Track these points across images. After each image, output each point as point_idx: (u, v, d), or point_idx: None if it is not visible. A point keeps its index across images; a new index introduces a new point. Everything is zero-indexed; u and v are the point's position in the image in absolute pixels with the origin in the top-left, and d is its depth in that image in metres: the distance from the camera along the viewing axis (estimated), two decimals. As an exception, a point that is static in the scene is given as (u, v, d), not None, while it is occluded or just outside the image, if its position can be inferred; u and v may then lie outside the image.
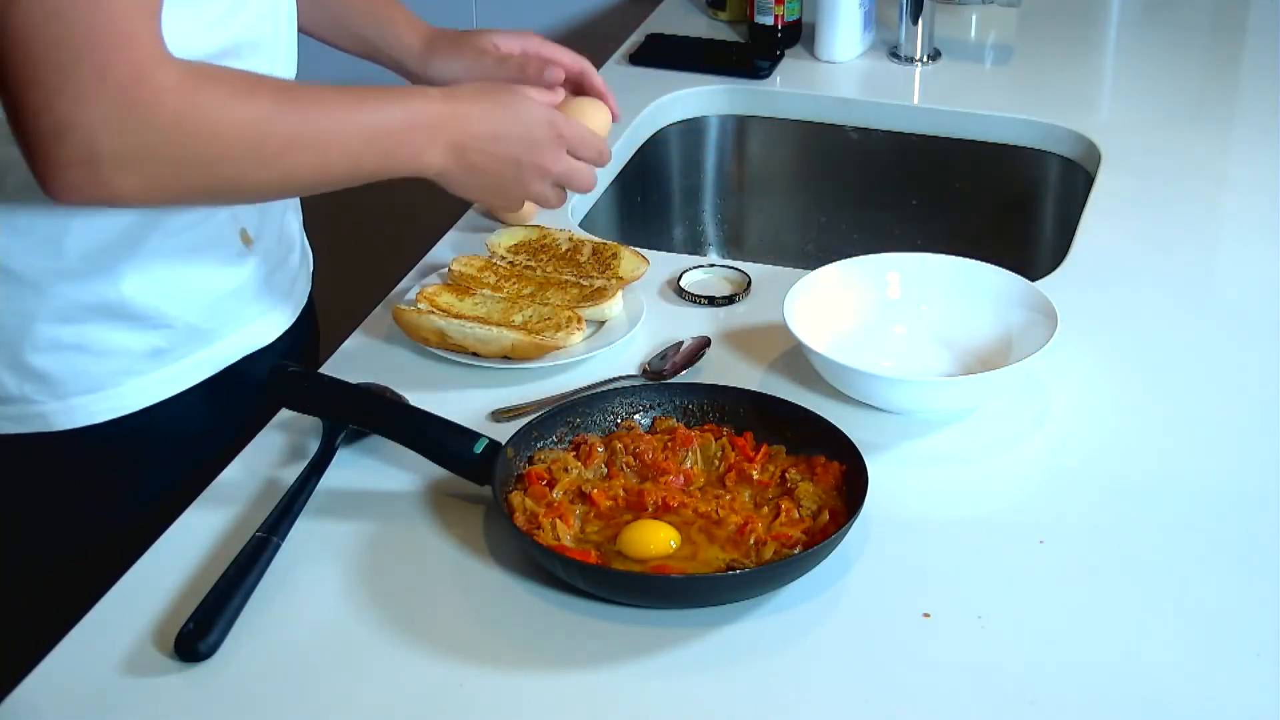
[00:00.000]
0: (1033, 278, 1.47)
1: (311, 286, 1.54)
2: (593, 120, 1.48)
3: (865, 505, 1.16)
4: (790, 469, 1.23)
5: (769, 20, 2.11)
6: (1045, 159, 1.93)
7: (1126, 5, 2.32)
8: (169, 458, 1.35)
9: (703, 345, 1.43)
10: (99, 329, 1.28)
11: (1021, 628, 1.11)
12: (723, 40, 2.16)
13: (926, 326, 1.46)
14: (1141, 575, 1.16)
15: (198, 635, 1.07)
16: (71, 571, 1.32)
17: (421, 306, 1.43)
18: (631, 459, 1.25)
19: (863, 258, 1.49)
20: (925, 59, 2.09)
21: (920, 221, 2.02)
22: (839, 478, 1.21)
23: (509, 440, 1.23)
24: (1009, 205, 1.99)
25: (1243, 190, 1.77)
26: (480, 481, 1.21)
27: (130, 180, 1.10)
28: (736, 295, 1.52)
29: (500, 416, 1.34)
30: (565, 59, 1.53)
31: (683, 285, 1.54)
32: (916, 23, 2.06)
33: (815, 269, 1.46)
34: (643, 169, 1.95)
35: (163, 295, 1.30)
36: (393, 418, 1.26)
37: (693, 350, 1.42)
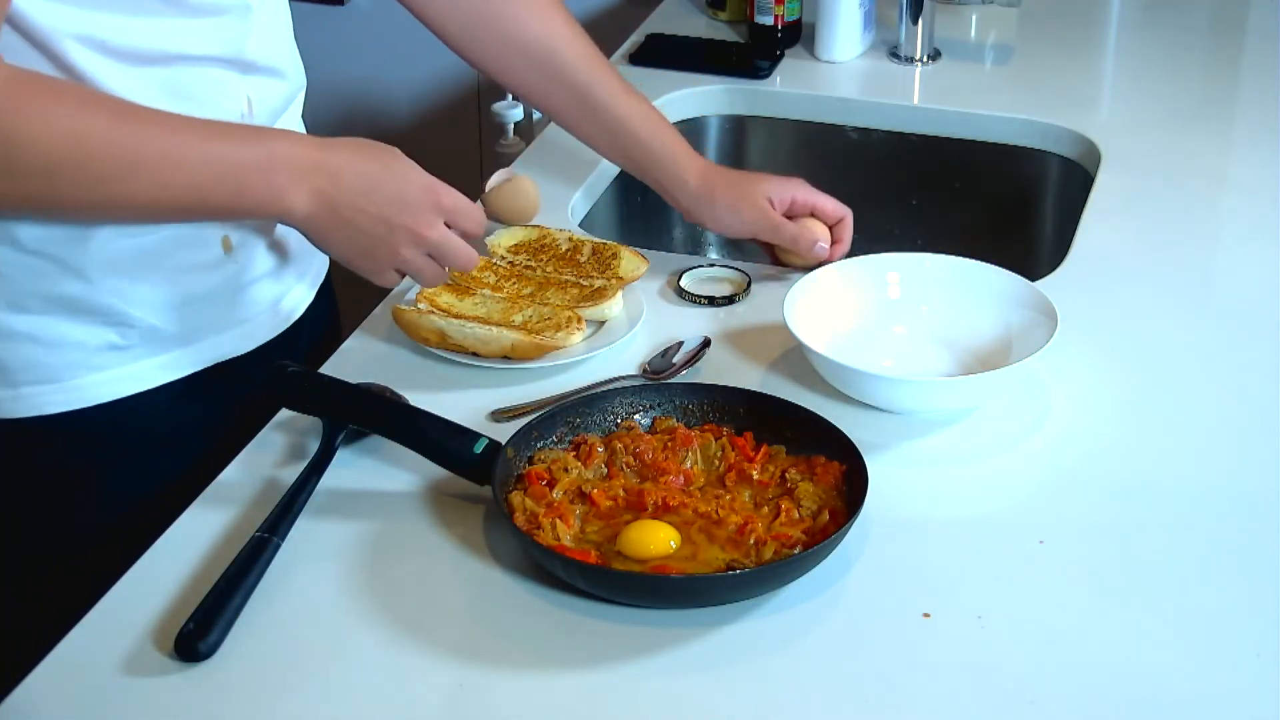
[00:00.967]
0: (1033, 278, 1.47)
1: (327, 284, 1.53)
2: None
3: (865, 505, 1.16)
4: (790, 469, 1.23)
5: (769, 20, 2.11)
6: (1045, 159, 1.93)
7: (1126, 5, 2.32)
8: (135, 458, 1.33)
9: (703, 345, 1.43)
10: (53, 320, 1.26)
11: (1021, 628, 1.11)
12: (723, 40, 2.16)
13: (926, 326, 1.46)
14: (1141, 575, 1.16)
15: (198, 635, 1.07)
16: (50, 570, 1.32)
17: (421, 306, 1.43)
18: (631, 459, 1.25)
19: (863, 258, 1.49)
20: (925, 59, 2.09)
21: (920, 221, 2.02)
22: (839, 478, 1.21)
23: (509, 440, 1.23)
24: (1009, 205, 1.99)
25: (1243, 190, 1.77)
26: (480, 481, 1.21)
27: None
28: (736, 295, 1.52)
29: (500, 416, 1.34)
30: (828, 207, 1.55)
31: (683, 285, 1.54)
32: (916, 23, 2.06)
33: (815, 269, 1.46)
34: (643, 169, 1.95)
35: (122, 293, 1.28)
36: (393, 418, 1.26)
37: (693, 350, 1.42)
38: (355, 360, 1.42)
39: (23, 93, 1.09)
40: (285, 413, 1.32)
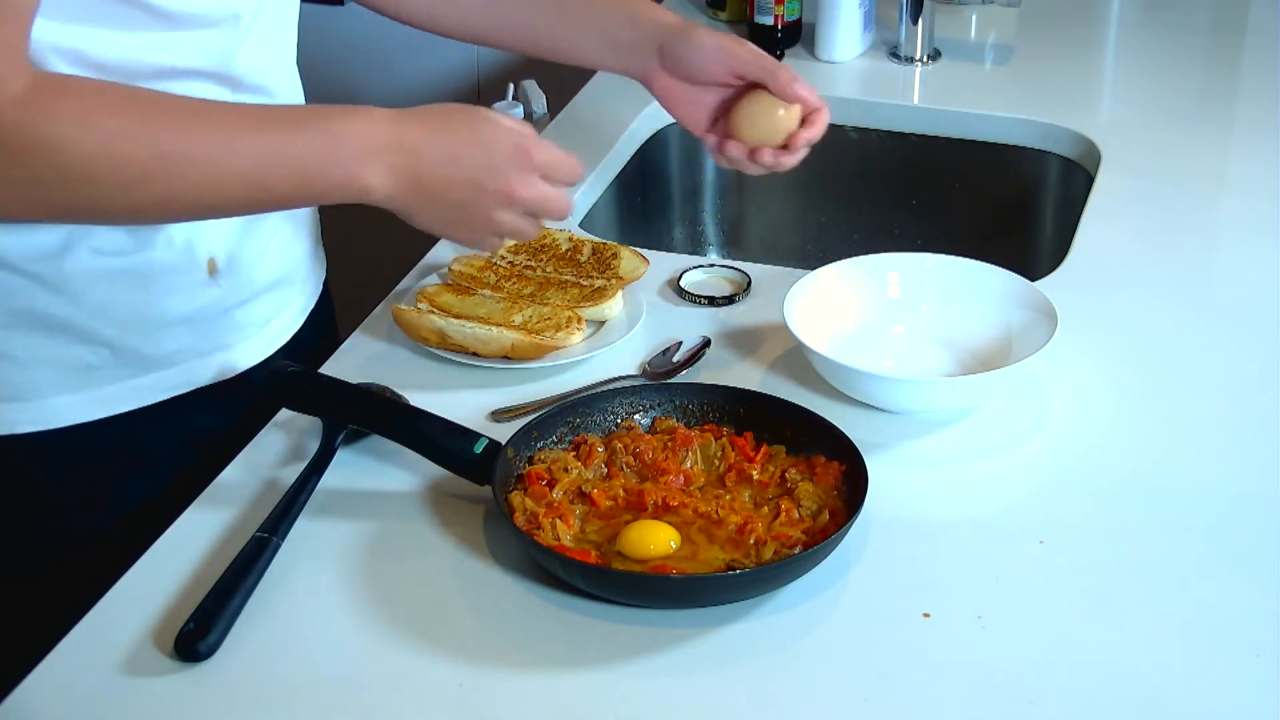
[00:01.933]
0: (1033, 278, 1.47)
1: (325, 295, 1.51)
2: (783, 117, 1.43)
3: (865, 505, 1.16)
4: (790, 469, 1.23)
5: (769, 20, 2.11)
6: (1045, 159, 1.93)
7: (1126, 5, 2.32)
8: (110, 479, 1.30)
9: (703, 345, 1.43)
10: (23, 336, 1.23)
11: (1021, 628, 1.11)
12: (723, 40, 2.16)
13: (926, 326, 1.46)
14: (1141, 575, 1.16)
15: (198, 635, 1.07)
16: (31, 584, 1.30)
17: (421, 306, 1.43)
18: (631, 459, 1.25)
19: (863, 258, 1.49)
20: (925, 59, 2.09)
21: (920, 221, 2.02)
22: (839, 478, 1.21)
23: (509, 440, 1.23)
24: (1009, 205, 1.99)
25: (1243, 190, 1.77)
26: (480, 481, 1.21)
27: None
28: (736, 295, 1.52)
29: (500, 416, 1.34)
30: (806, 94, 1.44)
31: (683, 285, 1.54)
32: (916, 23, 2.06)
33: (815, 269, 1.46)
34: (643, 169, 1.95)
35: (99, 311, 1.24)
36: (393, 418, 1.26)
37: (693, 350, 1.42)
38: (355, 360, 1.42)
39: (53, 97, 1.06)
40: (285, 413, 1.32)
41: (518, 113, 2.17)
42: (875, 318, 1.46)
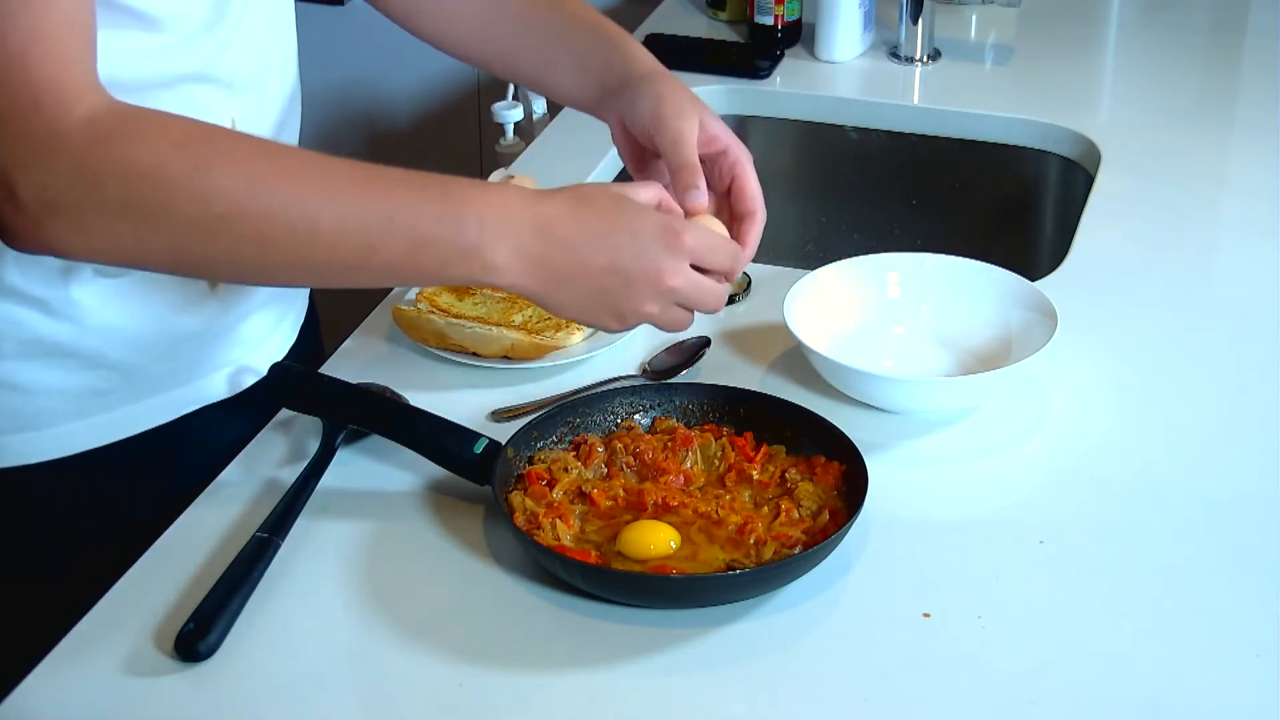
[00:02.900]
0: (1033, 278, 1.47)
1: (311, 310, 1.50)
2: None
3: (865, 505, 1.16)
4: (790, 469, 1.23)
5: (769, 20, 2.11)
6: (1045, 159, 1.93)
7: (1126, 5, 2.32)
8: (119, 499, 1.29)
9: (703, 345, 1.43)
10: (30, 367, 1.21)
11: (1021, 628, 1.11)
12: (723, 40, 2.16)
13: (926, 326, 1.46)
14: (1141, 575, 1.16)
15: (198, 635, 1.07)
16: (38, 583, 1.29)
17: (421, 306, 1.43)
18: (631, 459, 1.25)
19: (863, 258, 1.49)
20: (925, 59, 2.09)
21: (920, 221, 2.02)
22: (839, 478, 1.21)
23: (509, 440, 1.23)
24: (1009, 205, 1.99)
25: (1243, 190, 1.77)
26: (480, 481, 1.21)
27: (61, 227, 1.00)
28: (736, 295, 1.52)
29: (500, 416, 1.34)
30: (747, 189, 1.26)
31: (683, 285, 1.54)
32: (916, 23, 2.06)
33: (815, 269, 1.46)
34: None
35: (104, 335, 1.22)
36: (393, 418, 1.26)
37: (693, 350, 1.42)
38: (355, 360, 1.42)
39: (134, 121, 1.01)
40: (285, 413, 1.32)
41: (517, 113, 2.17)
42: (875, 318, 1.46)
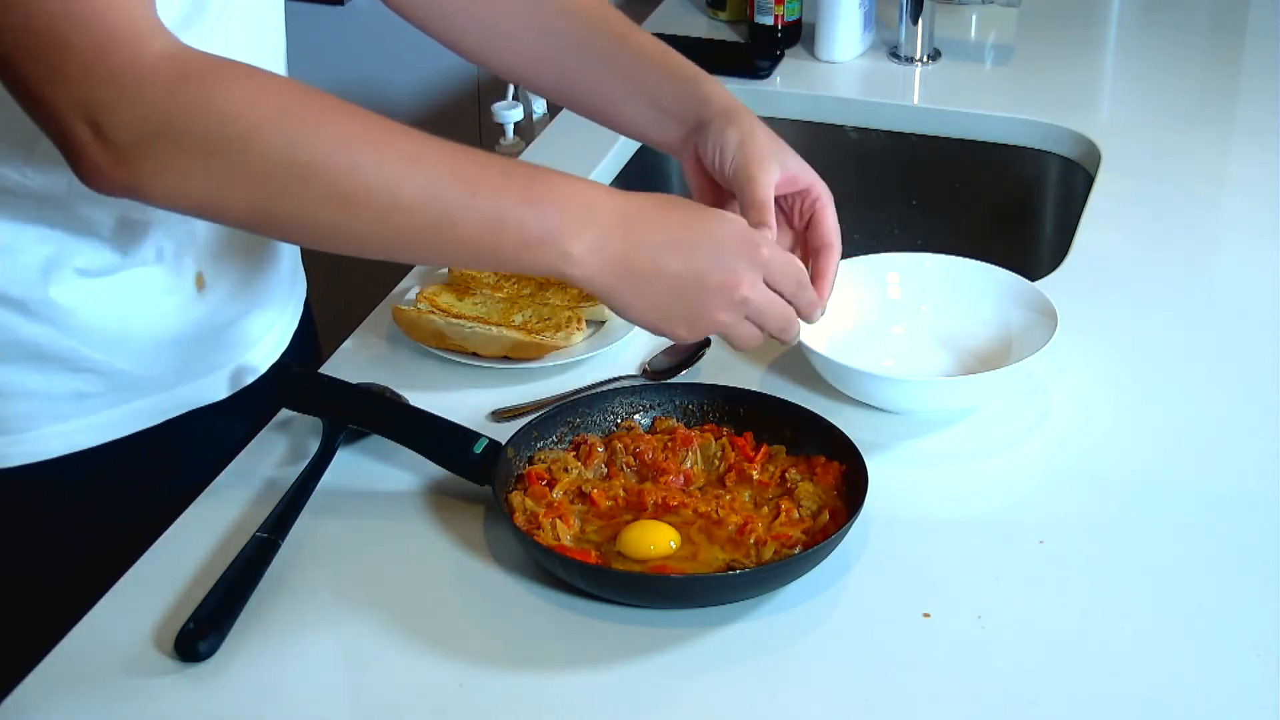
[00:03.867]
0: (1033, 278, 1.47)
1: (306, 313, 1.49)
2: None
3: (865, 505, 1.16)
4: (790, 469, 1.23)
5: (769, 20, 2.11)
6: (1045, 159, 1.94)
7: (1126, 5, 2.32)
8: (104, 504, 1.28)
9: (703, 345, 1.43)
10: (10, 370, 1.20)
11: (1021, 628, 1.11)
12: (723, 40, 2.16)
13: (926, 326, 1.46)
14: (1141, 575, 1.16)
15: (198, 635, 1.07)
16: (38, 583, 1.28)
17: (421, 306, 1.43)
18: (631, 459, 1.25)
19: (863, 258, 1.49)
20: (925, 59, 2.09)
21: (920, 221, 2.02)
22: (839, 478, 1.21)
23: (509, 440, 1.23)
24: (1009, 205, 1.99)
25: (1243, 190, 1.77)
26: (480, 481, 1.21)
27: (150, 165, 0.98)
28: (736, 295, 1.52)
29: (500, 416, 1.34)
30: (826, 224, 1.25)
31: (683, 285, 1.54)
32: (916, 23, 2.06)
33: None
34: (643, 169, 1.95)
35: (85, 338, 1.21)
36: (393, 418, 1.26)
37: (692, 350, 1.42)
38: (355, 360, 1.42)
39: (215, 65, 1.00)
40: (285, 413, 1.32)
41: (517, 113, 2.17)
42: (875, 318, 1.46)
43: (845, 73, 2.08)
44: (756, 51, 2.10)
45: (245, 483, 1.25)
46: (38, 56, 0.97)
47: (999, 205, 2.00)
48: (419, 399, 1.32)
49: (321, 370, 1.39)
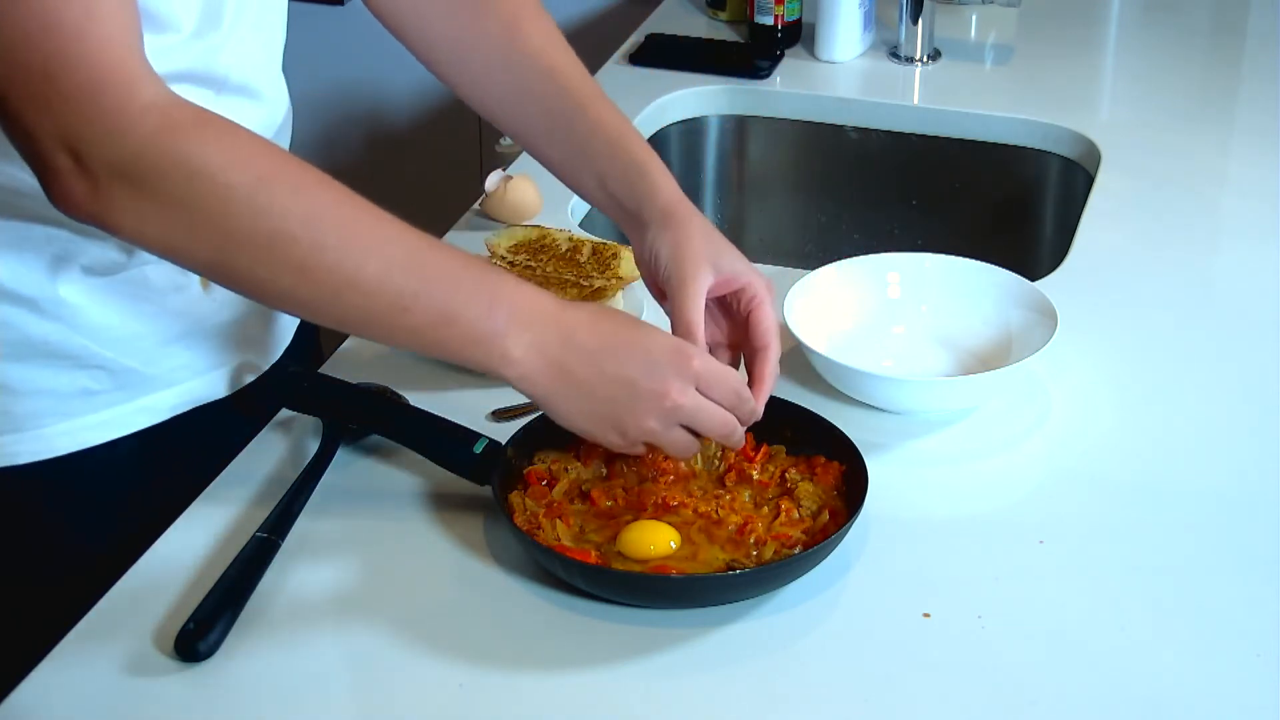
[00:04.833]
0: (1033, 278, 1.47)
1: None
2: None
3: (865, 505, 1.16)
4: (790, 469, 1.23)
5: (769, 20, 2.11)
6: (1045, 159, 1.94)
7: (1126, 5, 2.32)
8: (109, 503, 1.28)
9: (703, 345, 1.43)
10: (19, 367, 1.20)
11: (1021, 628, 1.11)
12: (723, 40, 2.16)
13: (926, 326, 1.46)
14: (1141, 575, 1.16)
15: (198, 635, 1.07)
16: (38, 583, 1.28)
17: (421, 306, 1.43)
18: (631, 459, 1.24)
19: (863, 258, 1.49)
20: (925, 59, 2.09)
21: (920, 221, 2.02)
22: (839, 478, 1.21)
23: (509, 440, 1.23)
24: (1009, 205, 1.99)
25: (1243, 191, 1.77)
26: (480, 481, 1.21)
27: (120, 200, 1.01)
28: (736, 295, 1.52)
29: (500, 416, 1.34)
30: (763, 324, 1.23)
31: (683, 285, 1.53)
32: (916, 23, 2.06)
33: (815, 269, 1.46)
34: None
35: (93, 335, 1.21)
36: (393, 418, 1.26)
37: (693, 350, 1.42)
38: (355, 360, 1.42)
39: (201, 122, 1.03)
40: (285, 413, 1.32)
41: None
42: (875, 318, 1.46)
43: (845, 73, 2.08)
44: (756, 51, 2.10)
45: (245, 483, 1.25)
46: (27, 88, 1.00)
47: (999, 205, 2.00)
48: (419, 399, 1.32)
49: (321, 370, 1.39)
